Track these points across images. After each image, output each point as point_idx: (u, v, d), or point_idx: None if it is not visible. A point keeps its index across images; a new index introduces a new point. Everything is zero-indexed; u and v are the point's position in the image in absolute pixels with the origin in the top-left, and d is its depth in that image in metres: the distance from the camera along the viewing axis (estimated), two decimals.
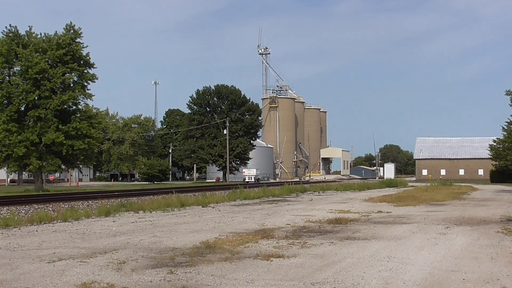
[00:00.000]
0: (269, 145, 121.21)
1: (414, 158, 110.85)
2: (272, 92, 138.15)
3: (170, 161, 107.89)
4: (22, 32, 47.26)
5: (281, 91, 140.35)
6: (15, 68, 46.79)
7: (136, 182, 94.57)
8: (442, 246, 12.15)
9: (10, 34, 46.48)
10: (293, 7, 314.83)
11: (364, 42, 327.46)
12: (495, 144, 74.23)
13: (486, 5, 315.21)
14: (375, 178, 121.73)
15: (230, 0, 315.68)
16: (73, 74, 47.44)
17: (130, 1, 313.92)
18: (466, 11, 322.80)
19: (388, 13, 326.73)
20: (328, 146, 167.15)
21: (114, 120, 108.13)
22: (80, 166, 62.15)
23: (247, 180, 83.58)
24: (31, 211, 22.68)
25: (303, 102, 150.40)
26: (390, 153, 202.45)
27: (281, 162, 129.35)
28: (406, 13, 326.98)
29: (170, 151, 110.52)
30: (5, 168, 59.31)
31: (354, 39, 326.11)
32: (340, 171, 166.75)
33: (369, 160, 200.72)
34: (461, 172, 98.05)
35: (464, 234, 14.36)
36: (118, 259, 10.42)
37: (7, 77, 46.50)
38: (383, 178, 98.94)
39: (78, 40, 47.71)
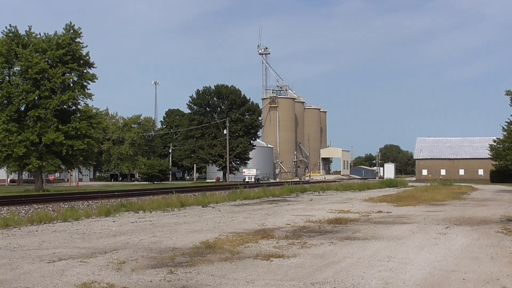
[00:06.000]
0: (269, 145, 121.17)
1: (414, 158, 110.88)
2: (272, 92, 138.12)
3: (170, 161, 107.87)
4: (22, 32, 47.32)
5: (281, 91, 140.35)
6: (15, 68, 46.75)
7: (136, 182, 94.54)
8: (442, 246, 12.15)
9: (10, 34, 46.45)
10: (294, 7, 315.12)
11: (365, 42, 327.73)
12: (495, 144, 74.28)
13: (489, 5, 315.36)
14: (375, 178, 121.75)
15: (231, 0, 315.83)
16: (73, 74, 47.40)
17: (131, 1, 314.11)
18: (469, 11, 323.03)
19: (389, 13, 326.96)
20: (328, 146, 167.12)
21: (114, 120, 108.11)
22: (80, 166, 62.14)
23: (247, 180, 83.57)
24: (31, 211, 22.68)
25: (303, 102, 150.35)
26: (390, 153, 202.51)
27: (281, 162, 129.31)
28: (407, 13, 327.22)
29: (170, 151, 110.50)
30: (5, 168, 59.27)
31: (355, 39, 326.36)
32: (340, 171, 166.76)
33: (369, 160, 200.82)
34: (461, 172, 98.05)
35: (464, 234, 14.36)
36: (118, 259, 10.42)
37: (7, 77, 46.47)
38: (383, 178, 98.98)
39: (78, 40, 47.68)
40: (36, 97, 45.04)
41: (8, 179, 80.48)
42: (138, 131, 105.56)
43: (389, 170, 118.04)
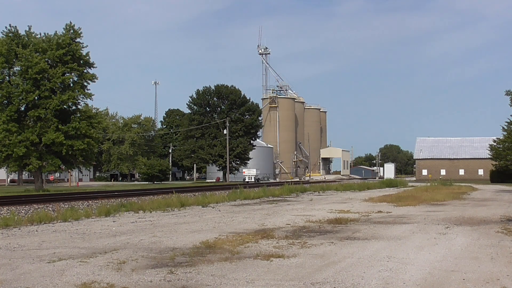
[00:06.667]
0: (269, 145, 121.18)
1: (414, 158, 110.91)
2: (272, 92, 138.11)
3: (170, 161, 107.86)
4: (22, 32, 47.33)
5: (281, 91, 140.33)
6: (15, 68, 46.78)
7: (136, 182, 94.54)
8: (442, 246, 12.15)
9: (10, 34, 46.47)
10: (294, 7, 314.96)
11: (365, 42, 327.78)
12: (495, 144, 74.33)
13: (489, 5, 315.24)
14: (375, 178, 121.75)
15: (231, 0, 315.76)
16: (73, 74, 47.42)
17: (131, 1, 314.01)
18: (469, 11, 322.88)
19: (389, 13, 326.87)
20: (328, 146, 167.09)
21: (114, 120, 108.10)
22: (80, 166, 62.16)
23: (247, 180, 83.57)
24: (31, 211, 22.68)
25: (303, 102, 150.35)
26: (390, 153, 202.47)
27: (281, 162, 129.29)
28: (407, 13, 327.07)
29: (170, 151, 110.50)
30: (5, 168, 59.27)
31: (355, 39, 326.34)
32: (340, 171, 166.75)
33: (369, 160, 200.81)
34: (461, 172, 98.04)
35: (464, 234, 14.36)
36: (118, 259, 10.42)
37: (7, 77, 46.49)
38: (383, 178, 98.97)
39: (78, 40, 47.71)
40: (36, 97, 45.05)
41: (8, 179, 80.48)
42: (138, 131, 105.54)
43: (389, 170, 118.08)
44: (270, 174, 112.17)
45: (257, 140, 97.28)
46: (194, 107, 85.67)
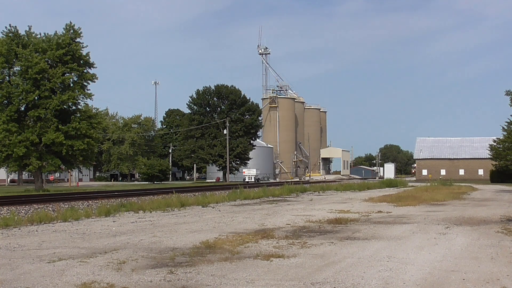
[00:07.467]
0: (269, 145, 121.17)
1: (414, 158, 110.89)
2: (272, 92, 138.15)
3: (170, 161, 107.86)
4: (22, 32, 47.34)
5: (281, 91, 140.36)
6: (15, 68, 46.78)
7: (136, 182, 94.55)
8: (442, 246, 12.15)
9: (10, 34, 46.46)
10: (294, 7, 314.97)
11: (365, 42, 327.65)
12: (495, 144, 74.36)
13: (489, 5, 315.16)
14: (375, 178, 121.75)
15: (231, 0, 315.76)
16: (72, 74, 47.42)
17: (131, 1, 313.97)
18: (469, 11, 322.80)
19: (390, 13, 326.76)
20: (328, 146, 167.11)
21: (114, 120, 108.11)
22: (80, 166, 62.14)
23: (247, 180, 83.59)
24: (31, 211, 22.67)
25: (303, 102, 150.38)
26: (390, 153, 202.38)
27: (281, 162, 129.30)
28: (407, 13, 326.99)
29: (170, 151, 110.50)
30: (5, 168, 59.26)
31: (355, 39, 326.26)
32: (340, 171, 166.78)
33: (369, 160, 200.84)
34: (461, 172, 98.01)
35: (464, 234, 14.36)
36: (118, 259, 10.42)
37: (7, 77, 46.49)
38: (383, 178, 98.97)
39: (78, 40, 47.70)
40: (36, 97, 45.04)
41: (8, 179, 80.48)
42: (138, 131, 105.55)
43: (389, 170, 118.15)
44: (270, 174, 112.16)
45: (257, 140, 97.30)
46: (194, 107, 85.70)
